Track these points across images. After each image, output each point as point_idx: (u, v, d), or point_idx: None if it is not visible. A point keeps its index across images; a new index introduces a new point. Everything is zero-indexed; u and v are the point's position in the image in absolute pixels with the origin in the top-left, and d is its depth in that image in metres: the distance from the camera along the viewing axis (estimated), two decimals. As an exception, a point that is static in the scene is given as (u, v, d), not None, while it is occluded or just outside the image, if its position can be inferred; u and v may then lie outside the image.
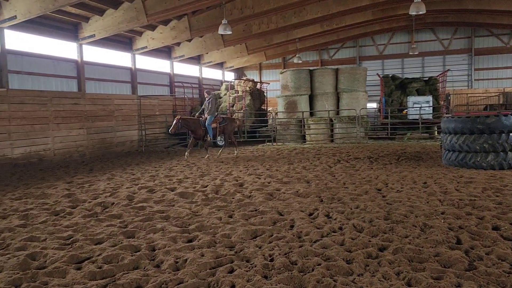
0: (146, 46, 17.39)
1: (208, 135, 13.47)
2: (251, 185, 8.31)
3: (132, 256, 4.40)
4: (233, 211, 6.27)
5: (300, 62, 26.06)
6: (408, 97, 19.95)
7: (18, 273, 4.03)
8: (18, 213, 6.48)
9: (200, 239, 4.94)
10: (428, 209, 6.01)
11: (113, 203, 6.97)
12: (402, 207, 6.18)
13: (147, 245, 4.76)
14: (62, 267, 4.15)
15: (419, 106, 18.68)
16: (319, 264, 4.07)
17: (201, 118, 13.33)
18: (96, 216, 6.18)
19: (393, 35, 27.04)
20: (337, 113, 19.38)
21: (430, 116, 19.21)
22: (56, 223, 5.84)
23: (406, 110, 19.67)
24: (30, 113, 12.68)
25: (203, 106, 13.61)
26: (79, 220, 5.96)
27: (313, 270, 3.97)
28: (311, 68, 21.90)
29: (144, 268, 4.15)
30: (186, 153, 13.68)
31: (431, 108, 19.31)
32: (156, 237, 5.04)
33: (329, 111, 18.68)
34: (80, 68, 14.93)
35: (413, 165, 10.67)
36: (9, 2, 11.47)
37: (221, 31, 14.11)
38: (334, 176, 9.28)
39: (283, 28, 19.46)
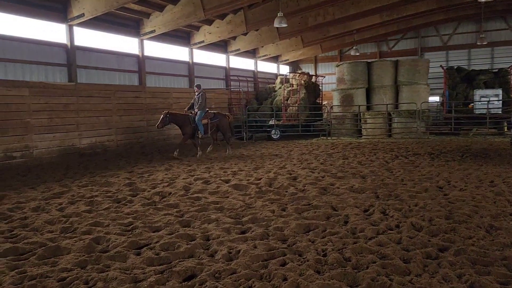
0: (203, 41, 17.75)
1: (198, 132, 12.40)
2: (304, 179, 8.24)
3: (187, 244, 4.54)
4: (286, 205, 6.26)
5: (358, 54, 25.34)
6: (474, 90, 18.73)
7: (84, 255, 4.30)
8: (84, 199, 6.91)
9: (253, 231, 4.98)
10: (495, 210, 5.63)
11: (171, 193, 7.21)
12: (466, 206, 5.83)
13: (202, 235, 4.88)
14: (123, 252, 4.37)
15: (487, 100, 17.48)
16: (374, 262, 3.96)
17: (191, 114, 12.40)
18: (155, 205, 6.44)
19: (459, 24, 25.46)
20: (396, 106, 18.65)
21: (500, 111, 17.92)
22: (118, 210, 6.16)
23: (472, 104, 18.50)
24: (96, 106, 13.44)
25: (192, 101, 12.72)
26: (139, 208, 6.24)
27: (367, 267, 3.86)
28: (368, 60, 21.22)
29: (199, 257, 4.26)
30: (198, 153, 12.44)
31: (501, 102, 18.01)
32: (211, 227, 5.16)
33: (387, 104, 18.03)
34: (141, 63, 15.57)
35: (479, 162, 10.03)
36: (77, 0, 12.19)
37: (276, 24, 14.05)
38: (392, 172, 8.95)
39: (340, 20, 19.00)
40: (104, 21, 13.69)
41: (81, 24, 12.87)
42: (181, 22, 14.45)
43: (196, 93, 12.52)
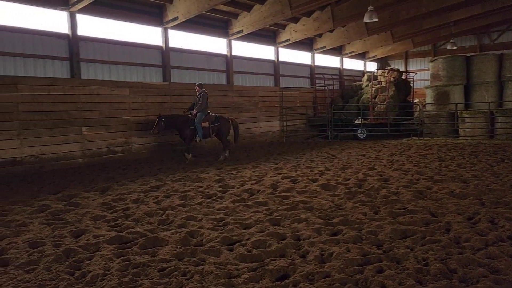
0: (289, 39, 17.73)
1: (197, 136, 11.44)
2: (397, 181, 7.80)
3: (278, 243, 4.50)
4: (378, 207, 5.96)
5: (455, 48, 23.43)
6: None
7: (180, 248, 4.47)
8: (178, 193, 7.25)
9: (345, 234, 4.81)
10: None
11: (259, 191, 7.27)
12: None
13: (292, 234, 4.82)
14: (216, 247, 4.47)
15: None
16: (485, 276, 3.57)
17: (190, 116, 11.49)
18: (244, 202, 6.53)
19: None
20: (500, 105, 16.93)
21: None
22: (209, 206, 6.35)
23: None
24: (187, 104, 14.06)
25: (193, 101, 11.84)
26: (229, 204, 6.37)
27: (477, 282, 3.50)
28: (467, 54, 19.53)
29: (290, 257, 4.20)
30: (188, 157, 11.41)
31: None
32: (301, 227, 5.08)
33: (489, 102, 16.44)
34: (229, 62, 16.01)
35: None
36: (172, 4, 12.88)
37: (366, 18, 13.53)
38: (498, 177, 8.10)
39: (435, 12, 17.73)
40: (194, 23, 14.29)
41: (174, 27, 13.58)
42: (268, 21, 14.57)
43: (198, 93, 11.44)
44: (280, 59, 18.72)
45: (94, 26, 11.70)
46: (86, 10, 11.11)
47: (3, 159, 9.52)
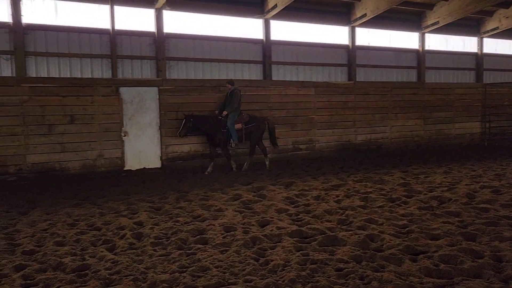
0: (497, 27, 15.29)
1: (232, 140, 9.96)
2: None
3: (473, 262, 3.93)
4: None
5: None
6: None
7: (359, 250, 4.34)
8: (359, 194, 7.09)
9: None
10: None
11: (450, 199, 6.51)
12: None
13: (491, 254, 4.14)
14: (398, 255, 4.17)
15: None
16: None
17: (221, 117, 9.98)
18: (432, 210, 5.94)
19: None
20: None
21: None
22: (392, 210, 6.00)
23: None
24: (372, 103, 13.69)
25: (224, 101, 10.29)
26: (414, 211, 5.88)
27: None
28: None
29: (488, 280, 3.61)
30: (208, 169, 9.94)
31: None
32: (503, 247, 4.31)
33: None
34: (420, 58, 14.84)
35: None
36: (360, 2, 12.66)
37: None
38: None
39: None
40: (381, 18, 13.69)
41: (360, 25, 13.32)
42: (470, 8, 12.87)
43: (229, 91, 10.18)
44: (485, 51, 16.35)
45: (284, 30, 12.45)
46: (277, 16, 11.92)
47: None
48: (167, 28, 10.72)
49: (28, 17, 9.31)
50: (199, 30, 11.19)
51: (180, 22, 10.97)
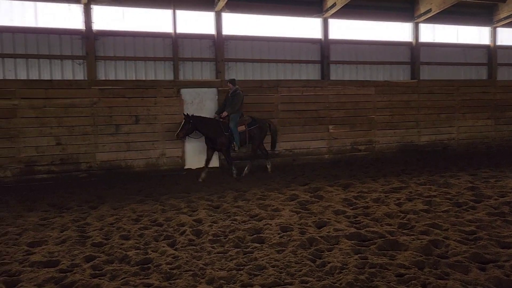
0: None
1: (234, 144, 9.32)
2: None
3: (551, 274, 3.61)
4: None
5: None
6: None
7: (421, 256, 4.16)
8: (422, 197, 6.78)
9: None
10: None
11: (526, 205, 6.02)
12: None
13: None
14: (464, 262, 3.95)
15: None
16: None
17: (221, 119, 9.41)
18: (504, 217, 5.53)
19: None
20: None
21: None
22: (458, 215, 5.68)
23: None
24: (437, 103, 13.02)
25: (224, 101, 9.72)
26: (483, 217, 5.52)
27: None
28: None
29: None
30: (202, 175, 9.26)
31: None
32: None
33: None
34: (492, 54, 13.87)
35: None
36: (425, -3, 12.11)
37: None
38: None
39: None
40: (448, 13, 12.98)
41: (425, 20, 12.72)
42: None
43: (230, 91, 9.61)
44: None
45: (342, 29, 12.18)
46: (336, 15, 11.70)
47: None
48: (226, 30, 10.94)
49: (99, 23, 9.93)
50: (257, 31, 11.29)
51: (239, 24, 11.14)
